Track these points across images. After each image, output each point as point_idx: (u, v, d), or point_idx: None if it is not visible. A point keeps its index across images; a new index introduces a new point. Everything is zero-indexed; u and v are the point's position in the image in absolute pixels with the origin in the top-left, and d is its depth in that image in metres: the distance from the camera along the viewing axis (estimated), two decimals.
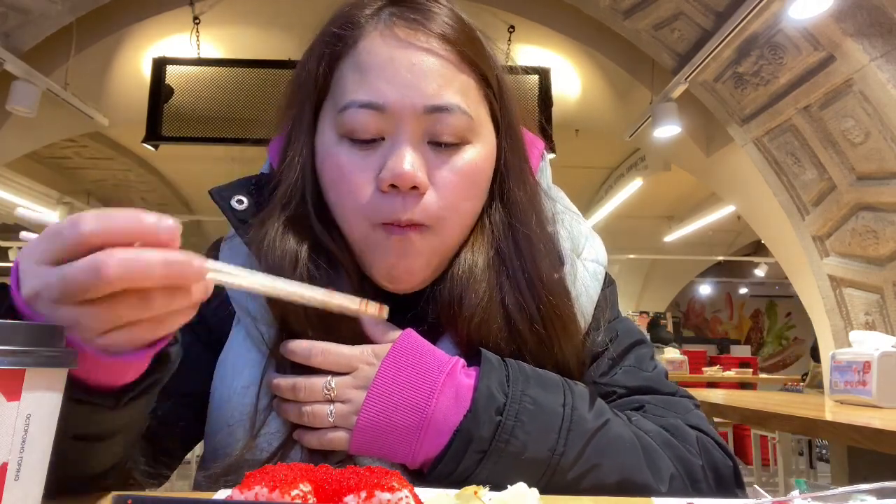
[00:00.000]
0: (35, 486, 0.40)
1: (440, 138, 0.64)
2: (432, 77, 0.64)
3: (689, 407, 0.73)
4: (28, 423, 0.38)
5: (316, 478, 0.38)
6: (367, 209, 0.64)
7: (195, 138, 3.75)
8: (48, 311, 0.43)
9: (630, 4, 3.42)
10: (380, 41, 0.65)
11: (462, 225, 0.68)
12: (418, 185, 0.62)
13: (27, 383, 0.37)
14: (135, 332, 0.44)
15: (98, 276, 0.40)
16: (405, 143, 0.63)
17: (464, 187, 0.66)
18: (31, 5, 3.25)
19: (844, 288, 3.42)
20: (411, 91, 0.63)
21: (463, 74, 0.66)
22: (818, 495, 0.48)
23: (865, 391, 1.99)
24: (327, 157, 0.67)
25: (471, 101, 0.66)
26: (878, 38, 2.71)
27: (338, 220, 0.68)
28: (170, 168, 6.60)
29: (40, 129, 4.12)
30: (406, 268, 0.65)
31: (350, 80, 0.65)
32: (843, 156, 3.11)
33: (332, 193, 0.67)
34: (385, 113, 0.63)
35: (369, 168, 0.64)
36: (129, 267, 0.41)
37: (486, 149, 0.69)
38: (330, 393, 0.63)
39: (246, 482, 0.36)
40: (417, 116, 0.63)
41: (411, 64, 0.64)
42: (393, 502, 0.36)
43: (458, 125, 0.64)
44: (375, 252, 0.65)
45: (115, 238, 0.41)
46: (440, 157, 0.65)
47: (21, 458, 0.38)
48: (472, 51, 0.67)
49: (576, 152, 5.19)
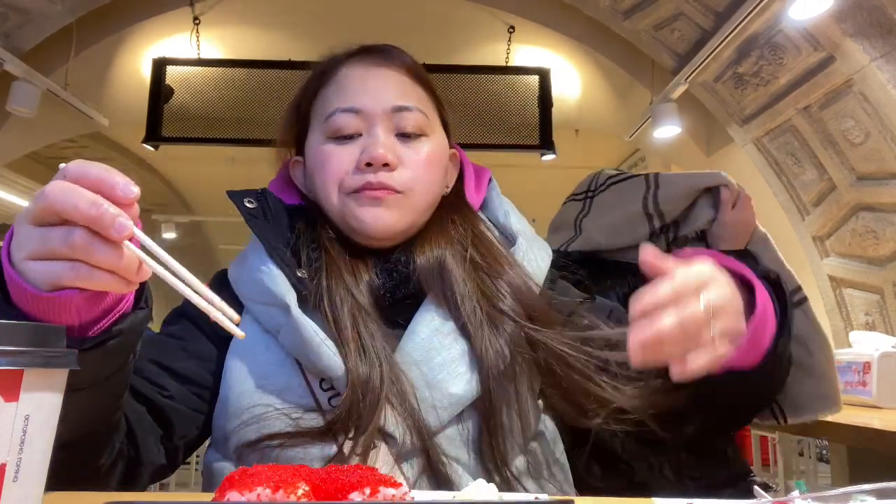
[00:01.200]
0: (34, 486, 0.39)
1: (405, 130, 0.84)
2: (395, 86, 0.85)
3: None
4: (27, 423, 0.38)
5: (316, 478, 0.38)
6: (344, 181, 0.81)
7: (195, 139, 3.75)
8: (18, 226, 0.51)
9: (630, 5, 3.42)
10: (355, 67, 0.86)
11: (427, 196, 0.84)
12: (389, 162, 0.80)
13: (25, 384, 0.37)
14: (53, 267, 0.49)
15: (43, 194, 0.49)
16: (378, 134, 0.82)
17: (426, 166, 0.84)
18: (31, 5, 3.25)
19: (844, 288, 3.42)
20: (380, 96, 0.83)
21: (419, 88, 0.87)
22: (819, 495, 0.48)
23: (865, 391, 1.99)
24: (317, 154, 0.85)
25: (425, 107, 0.86)
26: (878, 39, 2.71)
27: (320, 200, 0.84)
28: (170, 168, 6.60)
29: (40, 130, 4.12)
30: (380, 217, 0.80)
31: (332, 96, 0.85)
32: (843, 156, 3.11)
33: (317, 176, 0.84)
34: (361, 114, 0.83)
35: (349, 155, 0.82)
36: (63, 192, 0.48)
37: (441, 143, 0.88)
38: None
39: (247, 483, 0.36)
40: (387, 115, 0.83)
41: (379, 77, 0.85)
42: (398, 497, 0.37)
43: (418, 120, 0.84)
44: (354, 210, 0.81)
45: (83, 180, 0.49)
46: (406, 144, 0.84)
47: (20, 458, 0.37)
48: (425, 77, 0.89)
49: (576, 152, 5.18)
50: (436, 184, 0.86)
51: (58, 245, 0.49)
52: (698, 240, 1.55)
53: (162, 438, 0.75)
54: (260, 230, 0.81)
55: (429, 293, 0.79)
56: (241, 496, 0.35)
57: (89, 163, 0.51)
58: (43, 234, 0.49)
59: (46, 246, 0.49)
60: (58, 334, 0.41)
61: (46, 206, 0.49)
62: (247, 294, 0.80)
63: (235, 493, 0.35)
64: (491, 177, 0.98)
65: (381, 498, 0.36)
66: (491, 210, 0.93)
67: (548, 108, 3.72)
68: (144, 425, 0.72)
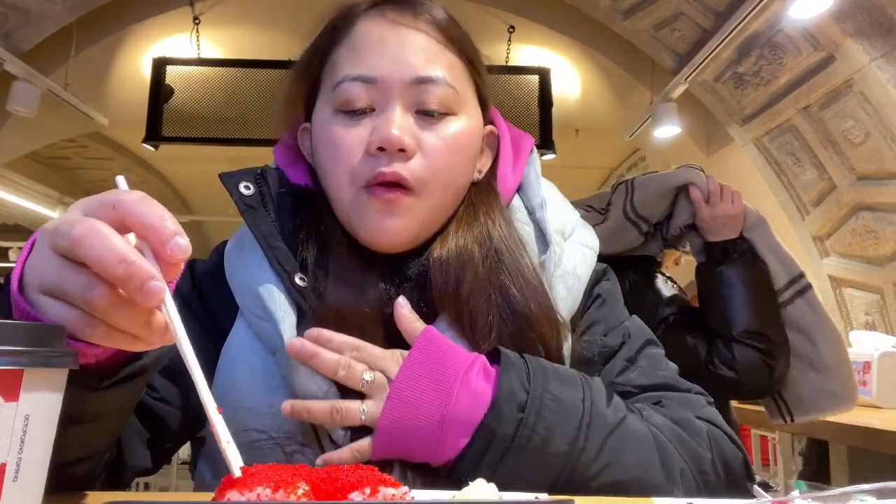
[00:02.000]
0: (34, 487, 0.39)
1: (427, 107, 0.69)
2: (419, 52, 0.70)
3: (703, 403, 0.74)
4: (27, 423, 0.38)
5: (316, 477, 0.38)
6: (355, 171, 0.68)
7: (195, 138, 3.75)
8: (40, 245, 0.44)
9: (630, 4, 3.42)
10: (371, 24, 0.71)
11: (447, 192, 0.71)
12: (405, 147, 0.67)
13: (25, 384, 0.37)
14: (66, 314, 0.42)
15: (70, 228, 0.41)
16: (394, 110, 0.68)
17: (449, 154, 0.70)
18: (31, 5, 3.25)
19: (844, 288, 3.42)
20: (399, 64, 0.69)
21: (449, 52, 0.72)
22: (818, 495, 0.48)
23: (865, 391, 1.99)
24: (323, 130, 0.71)
25: (456, 77, 0.71)
26: (878, 39, 2.71)
27: (329, 190, 0.72)
28: (170, 168, 6.60)
29: (40, 129, 4.12)
30: (390, 226, 0.68)
31: (344, 59, 0.71)
32: (843, 156, 3.11)
33: (326, 163, 0.71)
34: (375, 84, 0.68)
35: (360, 135, 0.69)
36: (91, 236, 0.40)
37: (472, 123, 0.73)
38: (369, 384, 0.61)
39: (247, 483, 0.36)
40: (405, 87, 0.69)
41: (399, 41, 0.70)
42: (398, 496, 0.37)
43: (445, 95, 0.69)
44: (363, 213, 0.69)
45: (131, 219, 0.42)
46: (427, 124, 0.70)
47: (20, 458, 0.37)
48: (459, 37, 0.73)
49: (576, 152, 5.18)
50: (460, 174, 0.73)
51: (75, 294, 0.42)
52: (691, 228, 1.58)
53: (149, 442, 0.70)
54: (256, 224, 0.69)
55: (441, 311, 0.68)
56: (241, 496, 0.35)
57: (149, 202, 0.43)
58: (62, 272, 0.42)
59: (63, 287, 0.42)
60: (58, 334, 0.41)
61: (70, 245, 0.41)
62: (241, 300, 0.70)
63: (235, 493, 0.35)
64: (533, 148, 0.83)
65: (381, 498, 0.36)
66: (528, 196, 0.79)
67: (548, 107, 3.72)
68: (131, 429, 0.67)
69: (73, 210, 0.44)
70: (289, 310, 0.66)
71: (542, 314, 0.68)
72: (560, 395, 0.61)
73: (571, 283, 0.72)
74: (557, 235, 0.74)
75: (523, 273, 0.69)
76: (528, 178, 0.80)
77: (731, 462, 0.67)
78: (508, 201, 0.78)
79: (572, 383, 0.64)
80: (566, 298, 0.72)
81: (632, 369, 0.74)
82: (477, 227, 0.72)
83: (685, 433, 0.67)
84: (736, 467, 0.67)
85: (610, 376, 0.73)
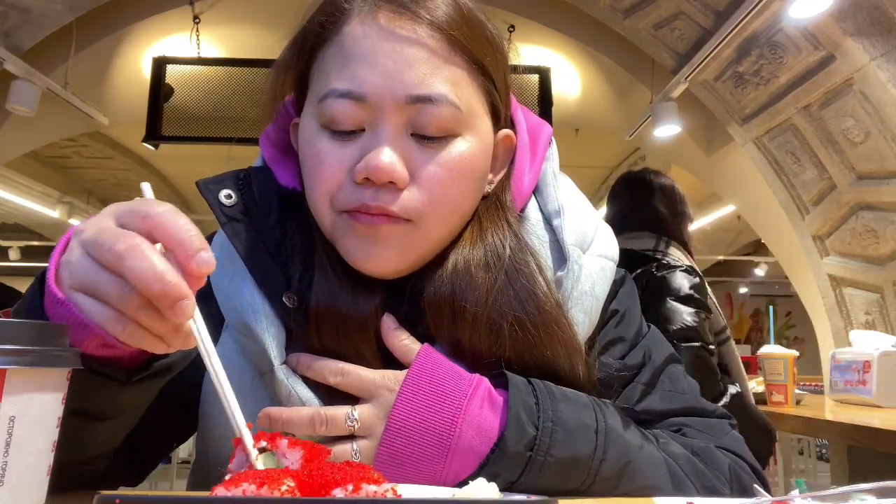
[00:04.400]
0: (26, 491, 0.38)
1: (425, 131, 0.60)
2: (417, 65, 0.60)
3: (727, 429, 0.71)
4: (12, 425, 0.36)
5: (300, 473, 0.38)
6: (336, 197, 0.61)
7: (195, 138, 3.74)
8: (73, 245, 0.46)
9: (630, 4, 3.41)
10: (362, 28, 0.61)
11: (448, 220, 0.63)
12: (395, 180, 0.59)
13: (9, 384, 0.36)
14: (101, 312, 0.44)
15: (112, 242, 0.43)
16: (385, 135, 0.59)
17: (451, 182, 0.61)
18: (31, 5, 3.24)
19: (844, 287, 3.42)
20: (393, 80, 0.59)
21: (452, 62, 0.62)
22: (818, 495, 0.48)
23: (865, 391, 1.99)
24: (307, 145, 0.64)
25: (461, 91, 0.62)
26: (878, 38, 2.71)
27: (312, 210, 0.65)
28: (170, 168, 6.59)
29: (40, 129, 4.11)
30: (376, 255, 0.61)
31: (332, 68, 0.62)
32: (844, 155, 3.11)
33: (307, 179, 0.64)
34: (365, 103, 0.60)
35: (346, 159, 0.61)
36: (131, 252, 0.42)
37: (480, 142, 0.64)
38: (354, 425, 0.57)
39: (232, 479, 0.36)
40: (399, 107, 0.59)
41: (394, 51, 0.60)
42: (380, 493, 0.37)
43: (445, 117, 0.60)
44: (346, 238, 0.62)
45: (160, 232, 0.44)
46: (425, 150, 0.61)
47: (6, 462, 0.36)
48: (469, 37, 0.63)
49: (576, 152, 5.18)
50: (467, 202, 0.65)
51: (111, 296, 0.44)
52: None
53: (133, 451, 0.67)
54: (239, 240, 0.63)
55: (437, 339, 0.62)
56: (227, 492, 0.36)
57: (177, 216, 0.44)
58: (98, 275, 0.44)
59: (99, 288, 0.44)
60: (50, 332, 0.40)
61: (112, 258, 0.43)
62: (227, 315, 0.65)
63: (222, 489, 0.36)
64: (552, 140, 0.74)
65: (363, 494, 0.36)
66: (544, 200, 0.71)
67: (548, 107, 3.72)
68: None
69: (106, 217, 0.46)
70: (276, 332, 0.61)
71: (556, 339, 0.62)
72: (572, 428, 0.58)
73: (589, 305, 0.66)
74: (576, 249, 0.67)
75: (536, 297, 0.62)
76: (545, 177, 0.72)
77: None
78: (523, 207, 0.71)
79: (585, 414, 0.60)
80: (583, 323, 0.66)
81: (652, 394, 0.69)
82: (482, 248, 0.64)
83: (705, 467, 0.63)
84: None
85: (629, 401, 0.68)
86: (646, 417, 0.68)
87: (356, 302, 0.62)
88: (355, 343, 0.61)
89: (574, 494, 0.58)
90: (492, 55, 0.66)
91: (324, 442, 0.57)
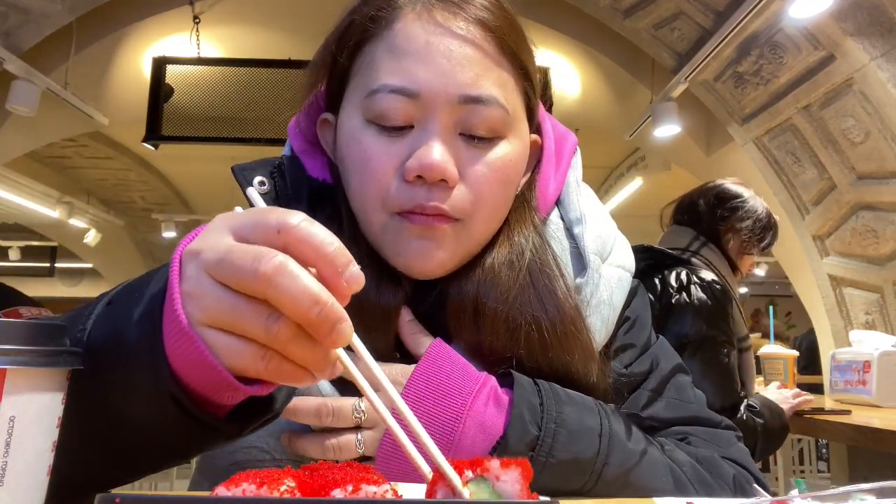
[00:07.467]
0: (24, 492, 0.38)
1: (474, 131, 0.61)
2: (470, 66, 0.60)
3: (732, 440, 0.71)
4: (12, 425, 0.36)
5: (300, 474, 0.38)
6: (388, 196, 0.60)
7: (195, 138, 3.75)
8: (194, 272, 0.39)
9: (630, 4, 3.41)
10: (417, 25, 0.61)
11: (490, 221, 0.64)
12: (447, 178, 0.59)
13: (9, 384, 0.36)
14: (240, 350, 0.38)
15: (251, 263, 0.36)
16: (436, 132, 0.60)
17: (496, 183, 0.62)
18: (31, 5, 3.25)
19: (844, 287, 3.42)
20: (447, 79, 0.59)
21: (502, 65, 0.63)
22: (818, 495, 0.48)
23: (865, 391, 1.99)
24: (352, 141, 0.63)
25: (508, 94, 0.63)
26: (878, 38, 2.71)
27: (356, 210, 0.64)
28: (170, 168, 6.59)
29: (40, 129, 4.12)
30: (431, 255, 0.61)
31: (382, 63, 0.61)
32: (843, 155, 3.11)
33: (353, 179, 0.63)
34: (417, 100, 0.60)
35: (396, 156, 0.60)
36: (282, 275, 0.36)
37: (521, 145, 0.65)
38: (360, 417, 0.58)
39: (232, 479, 0.37)
40: (451, 106, 0.60)
41: (449, 50, 0.60)
42: (379, 494, 0.37)
43: (494, 118, 0.61)
44: (398, 239, 0.61)
45: (304, 248, 0.37)
46: (473, 150, 0.62)
47: (5, 462, 0.36)
48: (514, 41, 0.64)
49: None
50: (505, 203, 0.66)
51: (254, 327, 0.37)
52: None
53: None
54: None
55: (455, 338, 0.63)
56: (227, 492, 0.36)
57: (317, 226, 0.38)
58: (237, 307, 0.37)
59: (237, 321, 0.37)
60: (50, 332, 0.39)
61: (256, 283, 0.36)
62: None
63: (222, 489, 0.36)
64: (576, 148, 0.75)
65: (363, 495, 0.36)
66: (566, 208, 0.72)
67: (547, 107, 3.72)
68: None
69: (221, 232, 0.39)
70: None
71: (573, 342, 0.62)
72: (575, 430, 0.58)
73: (606, 314, 0.67)
74: (596, 258, 0.69)
75: (556, 297, 0.63)
76: (569, 185, 0.73)
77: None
78: (548, 214, 0.71)
79: (589, 417, 0.60)
80: (600, 330, 0.67)
81: (659, 401, 0.70)
82: (508, 246, 0.65)
83: (709, 476, 0.64)
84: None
85: (635, 408, 0.69)
86: (651, 424, 0.69)
87: (381, 296, 0.62)
88: (373, 336, 0.60)
89: (576, 496, 0.58)
90: (531, 60, 0.68)
91: (327, 432, 0.57)
